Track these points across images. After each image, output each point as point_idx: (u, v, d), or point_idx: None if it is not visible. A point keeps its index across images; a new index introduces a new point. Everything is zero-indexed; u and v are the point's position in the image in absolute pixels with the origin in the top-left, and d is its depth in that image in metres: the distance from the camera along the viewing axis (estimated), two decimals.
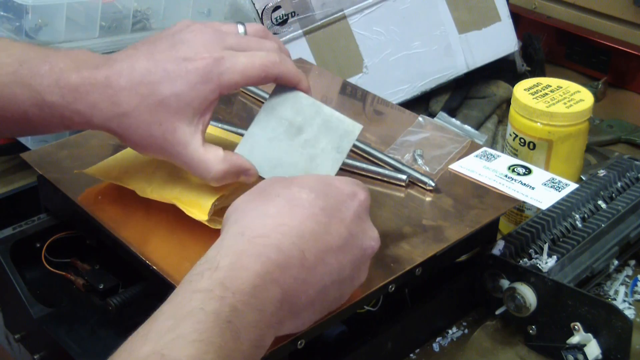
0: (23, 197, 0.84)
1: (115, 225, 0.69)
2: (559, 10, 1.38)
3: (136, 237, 0.68)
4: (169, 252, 0.66)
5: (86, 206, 0.71)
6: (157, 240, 0.68)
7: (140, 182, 0.70)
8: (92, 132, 0.84)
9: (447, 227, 0.71)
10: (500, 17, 1.15)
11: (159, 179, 0.70)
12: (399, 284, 0.68)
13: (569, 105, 0.88)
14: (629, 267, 0.88)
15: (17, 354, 0.79)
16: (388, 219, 0.72)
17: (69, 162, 0.78)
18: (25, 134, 0.69)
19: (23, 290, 0.73)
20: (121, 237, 0.67)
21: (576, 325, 0.72)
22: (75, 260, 0.77)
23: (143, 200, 0.69)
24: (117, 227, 0.69)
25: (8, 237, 0.76)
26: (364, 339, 0.70)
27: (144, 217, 0.70)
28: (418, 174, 0.78)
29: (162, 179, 0.70)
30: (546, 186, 0.77)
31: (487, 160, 0.81)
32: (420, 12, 1.10)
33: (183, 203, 0.67)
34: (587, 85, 1.13)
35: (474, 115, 1.12)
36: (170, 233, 0.68)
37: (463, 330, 0.79)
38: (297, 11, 1.04)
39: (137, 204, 0.70)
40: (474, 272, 0.78)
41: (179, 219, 0.68)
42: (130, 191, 0.70)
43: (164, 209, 0.69)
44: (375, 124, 0.89)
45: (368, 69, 1.08)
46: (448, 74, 1.13)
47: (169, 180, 0.69)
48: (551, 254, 0.78)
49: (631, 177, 0.92)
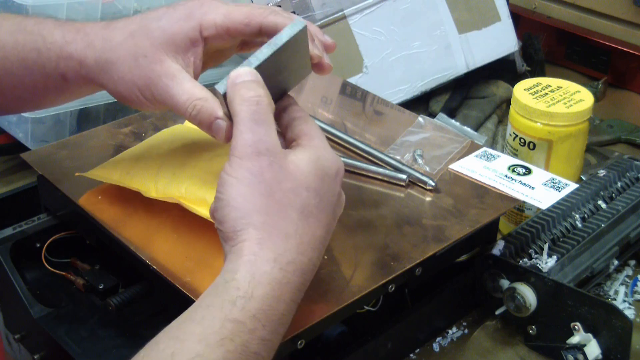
0: (23, 197, 0.84)
1: (116, 225, 0.69)
2: (559, 10, 1.38)
3: (137, 237, 0.68)
4: (169, 251, 0.66)
5: (86, 207, 0.71)
6: (158, 240, 0.68)
7: (145, 183, 0.70)
8: (92, 132, 0.84)
9: (447, 227, 0.71)
10: (500, 17, 1.15)
11: (163, 179, 0.70)
12: (399, 283, 0.68)
13: (569, 105, 0.88)
14: (629, 267, 0.88)
15: (17, 354, 0.79)
16: (388, 218, 0.72)
17: (69, 162, 0.78)
18: (18, 94, 0.69)
19: (23, 290, 0.73)
20: (122, 237, 0.67)
21: (576, 325, 0.72)
22: (75, 260, 0.77)
23: (143, 200, 0.69)
24: (118, 227, 0.69)
25: (8, 237, 0.76)
26: (364, 339, 0.70)
27: (145, 217, 0.70)
28: (418, 174, 0.78)
29: (166, 178, 0.70)
30: (546, 186, 0.77)
31: (487, 160, 0.81)
32: (420, 12, 1.10)
33: (189, 201, 0.67)
34: (587, 85, 1.13)
35: (474, 115, 1.12)
36: (172, 232, 0.68)
37: (463, 330, 0.79)
38: (297, 11, 1.04)
39: (137, 204, 0.70)
40: (474, 272, 0.78)
41: (180, 218, 0.68)
42: (130, 191, 0.70)
43: (165, 208, 0.69)
44: (375, 124, 0.89)
45: (368, 69, 1.08)
46: (448, 74, 1.13)
47: (174, 179, 0.69)
48: (551, 254, 0.78)
49: (631, 177, 0.92)
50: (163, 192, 0.69)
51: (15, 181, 0.99)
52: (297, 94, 0.93)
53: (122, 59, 0.64)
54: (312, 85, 0.97)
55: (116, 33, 0.65)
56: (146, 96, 0.64)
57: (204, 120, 0.61)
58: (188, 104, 0.62)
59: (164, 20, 0.64)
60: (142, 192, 0.69)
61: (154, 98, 0.64)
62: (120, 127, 0.85)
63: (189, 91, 0.62)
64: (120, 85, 0.65)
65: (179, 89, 0.63)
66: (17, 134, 0.97)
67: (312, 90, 0.95)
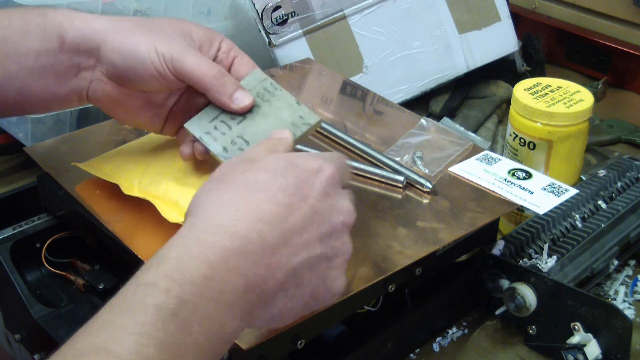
0: (23, 197, 0.84)
1: (109, 219, 0.69)
2: (559, 10, 1.39)
3: (127, 231, 0.67)
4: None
5: (82, 199, 0.71)
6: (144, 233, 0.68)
7: (131, 179, 0.70)
8: (95, 128, 0.84)
9: (442, 229, 0.71)
10: (500, 17, 1.15)
11: (148, 177, 0.70)
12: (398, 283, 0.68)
13: (569, 105, 0.88)
14: (629, 267, 0.88)
15: (17, 354, 0.79)
16: (383, 219, 0.72)
17: (71, 157, 0.78)
18: (18, 81, 0.69)
19: (23, 290, 0.73)
20: (113, 231, 0.67)
21: (576, 325, 0.72)
22: (75, 260, 0.77)
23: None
24: (111, 221, 0.69)
25: (8, 237, 0.76)
26: (364, 339, 0.71)
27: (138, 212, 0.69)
28: (416, 176, 0.77)
29: (151, 177, 0.70)
30: (545, 191, 0.76)
31: (488, 164, 0.81)
32: (420, 12, 1.10)
33: (163, 202, 0.67)
34: (587, 85, 1.13)
35: (474, 115, 1.12)
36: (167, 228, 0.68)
37: (463, 330, 0.79)
38: (297, 11, 1.04)
39: (134, 198, 0.70)
40: (474, 272, 0.78)
41: None
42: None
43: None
44: (376, 123, 0.88)
45: (368, 69, 1.08)
46: (448, 74, 1.13)
47: (156, 179, 0.69)
48: (551, 254, 0.78)
49: (631, 177, 0.92)
50: (144, 190, 0.69)
51: (15, 181, 0.99)
52: (298, 93, 0.93)
53: (142, 22, 0.66)
54: (312, 85, 0.97)
55: (135, 17, 0.69)
56: (158, 54, 0.64)
57: (227, 87, 0.65)
58: (215, 69, 0.65)
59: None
60: (123, 188, 0.69)
61: (171, 58, 0.64)
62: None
63: (211, 61, 0.66)
64: (131, 42, 0.65)
65: (201, 57, 0.65)
66: (17, 133, 0.97)
67: (312, 90, 0.95)
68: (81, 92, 0.68)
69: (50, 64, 0.66)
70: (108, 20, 0.66)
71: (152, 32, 0.65)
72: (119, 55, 0.65)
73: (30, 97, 0.68)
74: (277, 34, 1.03)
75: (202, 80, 0.65)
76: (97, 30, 0.65)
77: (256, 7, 1.02)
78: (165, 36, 0.65)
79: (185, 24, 0.68)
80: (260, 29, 1.03)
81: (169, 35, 0.65)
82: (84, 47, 0.65)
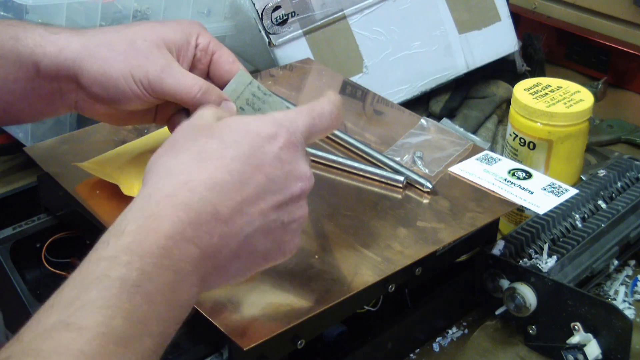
0: (23, 197, 0.84)
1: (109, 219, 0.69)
2: (559, 10, 1.38)
3: None
4: None
5: (82, 199, 0.71)
6: None
7: (130, 179, 0.70)
8: (95, 127, 0.84)
9: (442, 229, 0.71)
10: (500, 17, 1.15)
11: None
12: (398, 283, 0.68)
13: (569, 105, 0.88)
14: (629, 267, 0.88)
15: None
16: (384, 219, 0.72)
17: (71, 156, 0.78)
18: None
19: (23, 290, 0.73)
20: None
21: (576, 325, 0.72)
22: (75, 260, 0.77)
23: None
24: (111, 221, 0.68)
25: (8, 237, 0.76)
26: (364, 339, 0.71)
27: None
28: (416, 176, 0.77)
29: None
30: (545, 191, 0.76)
31: (488, 164, 0.81)
32: (420, 12, 1.10)
33: None
34: (587, 85, 1.13)
35: (474, 115, 1.12)
36: None
37: (463, 330, 0.79)
38: (297, 11, 1.04)
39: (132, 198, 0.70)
40: (474, 272, 0.78)
41: None
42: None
43: None
44: (376, 123, 0.89)
45: (368, 69, 1.08)
46: (448, 74, 1.13)
47: None
48: (551, 254, 0.78)
49: (631, 177, 0.92)
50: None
51: (15, 181, 0.99)
52: (298, 93, 0.93)
53: (115, 42, 0.64)
54: (312, 85, 0.97)
55: (108, 28, 0.66)
56: (136, 81, 0.64)
57: (211, 100, 0.64)
58: (195, 86, 0.64)
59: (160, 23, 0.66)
60: (123, 189, 0.69)
61: (148, 82, 0.64)
62: None
63: (192, 76, 0.65)
64: (107, 72, 0.64)
65: (180, 74, 0.64)
66: (17, 133, 0.97)
67: (312, 90, 0.95)
68: (69, 108, 0.68)
69: (31, 87, 0.66)
70: (80, 43, 0.65)
71: (126, 55, 0.64)
72: (99, 87, 0.65)
73: (18, 115, 0.69)
74: (277, 34, 1.03)
75: (184, 102, 0.65)
76: (71, 58, 0.65)
77: (256, 7, 1.02)
78: (140, 57, 0.64)
79: (160, 32, 0.66)
80: (260, 29, 1.03)
81: (144, 55, 0.64)
82: (62, 74, 0.65)
